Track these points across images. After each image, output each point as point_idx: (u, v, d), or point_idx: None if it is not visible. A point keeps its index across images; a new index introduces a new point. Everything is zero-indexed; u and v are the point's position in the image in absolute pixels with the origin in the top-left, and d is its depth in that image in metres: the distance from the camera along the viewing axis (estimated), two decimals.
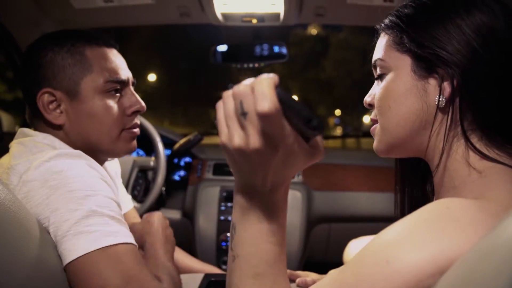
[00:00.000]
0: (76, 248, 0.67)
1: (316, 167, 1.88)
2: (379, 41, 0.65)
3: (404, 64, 0.60)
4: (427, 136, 0.60)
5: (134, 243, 0.72)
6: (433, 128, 0.59)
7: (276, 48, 1.50)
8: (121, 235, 0.70)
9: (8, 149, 0.81)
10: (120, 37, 0.92)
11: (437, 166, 0.60)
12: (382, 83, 0.63)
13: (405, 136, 0.61)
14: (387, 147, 0.64)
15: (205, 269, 1.19)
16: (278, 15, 1.35)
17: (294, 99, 0.42)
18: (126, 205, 1.14)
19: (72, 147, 0.82)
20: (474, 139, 0.57)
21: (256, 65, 1.55)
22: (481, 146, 0.57)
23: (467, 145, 0.57)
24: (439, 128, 0.59)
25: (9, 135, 0.84)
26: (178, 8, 1.33)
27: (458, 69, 0.55)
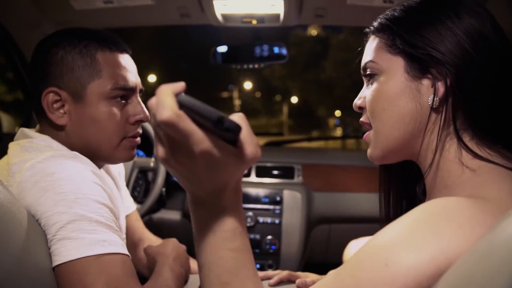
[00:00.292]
0: (60, 254, 0.66)
1: (316, 168, 1.88)
2: (368, 44, 0.66)
3: (396, 65, 0.61)
4: (420, 137, 0.61)
5: (123, 252, 0.70)
6: (426, 128, 0.60)
7: (276, 49, 1.50)
8: (108, 243, 0.68)
9: (7, 150, 0.81)
10: (120, 38, 0.91)
11: (429, 166, 0.60)
12: (374, 85, 0.63)
13: (400, 137, 0.61)
14: (382, 152, 0.64)
15: None
16: (278, 16, 1.35)
17: (199, 103, 0.40)
18: (128, 207, 1.14)
19: (71, 149, 0.81)
20: (466, 138, 0.58)
21: (256, 66, 1.55)
22: (472, 145, 0.57)
23: (459, 144, 0.58)
24: (432, 128, 0.59)
25: (9, 136, 0.84)
26: (178, 9, 1.33)
27: (452, 68, 0.56)
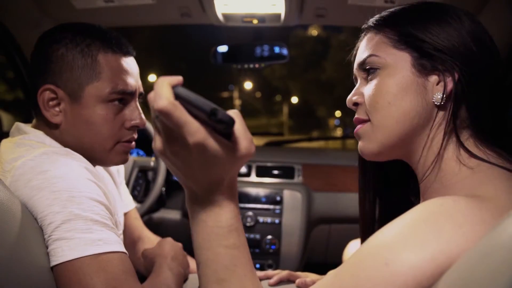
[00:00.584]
0: (56, 254, 0.66)
1: (316, 168, 1.88)
2: (367, 39, 0.66)
3: (403, 60, 0.61)
4: (423, 134, 0.61)
5: (119, 249, 0.69)
6: (433, 125, 0.59)
7: (277, 49, 1.50)
8: (103, 242, 0.67)
9: None
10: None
11: (430, 165, 0.60)
12: (376, 80, 0.62)
13: (403, 133, 0.61)
14: (379, 148, 0.62)
15: None
16: (279, 15, 1.35)
17: (194, 95, 0.42)
18: (127, 204, 1.14)
19: (65, 147, 0.80)
20: (464, 137, 0.58)
21: (257, 65, 1.55)
22: (470, 144, 0.58)
23: (458, 143, 0.58)
24: (437, 125, 0.59)
25: (9, 135, 0.84)
26: (179, 8, 1.33)
27: (459, 64, 0.57)
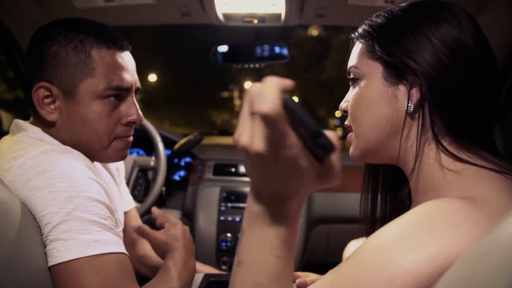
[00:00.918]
0: (52, 255, 0.65)
1: None
2: (354, 48, 0.67)
3: (375, 71, 0.62)
4: (397, 141, 0.62)
5: (116, 250, 0.68)
6: (403, 133, 0.61)
7: (277, 49, 1.50)
8: (100, 244, 0.66)
9: None
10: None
11: (412, 170, 0.62)
12: (355, 90, 0.65)
13: (377, 141, 0.63)
14: (361, 152, 0.66)
15: (204, 270, 1.18)
16: (279, 15, 1.35)
17: (302, 109, 0.39)
18: (127, 203, 1.14)
19: (63, 144, 0.79)
20: (444, 143, 0.59)
21: (257, 65, 1.54)
22: (452, 149, 0.58)
23: (438, 149, 0.59)
24: (409, 133, 0.61)
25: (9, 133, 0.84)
26: (179, 8, 1.33)
27: (425, 78, 0.57)
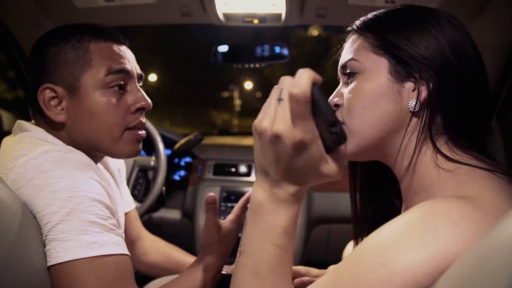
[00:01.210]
0: (50, 255, 0.65)
1: None
2: (350, 42, 0.66)
3: (380, 66, 0.61)
4: (396, 138, 0.62)
5: (115, 252, 0.68)
6: (406, 131, 0.60)
7: (277, 49, 1.50)
8: (98, 245, 0.66)
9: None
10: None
11: (406, 169, 0.61)
12: (354, 84, 0.63)
13: (377, 138, 0.62)
14: (357, 148, 0.63)
15: None
16: (279, 15, 1.35)
17: (325, 100, 0.46)
18: (128, 204, 1.14)
19: (74, 146, 0.78)
20: (440, 142, 0.59)
21: (257, 65, 1.55)
22: (447, 149, 0.59)
23: (434, 148, 0.59)
24: (411, 131, 0.60)
25: (9, 134, 0.84)
26: (180, 8, 1.33)
27: (434, 74, 0.58)
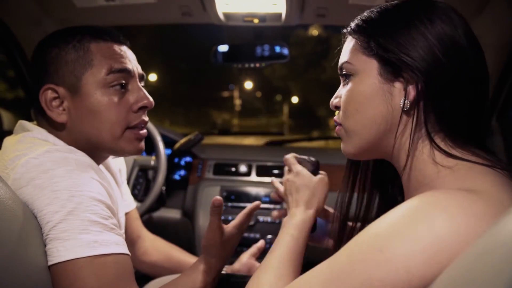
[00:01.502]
0: (51, 254, 0.66)
1: None
2: (346, 44, 0.67)
3: (370, 67, 0.62)
4: (392, 138, 0.62)
5: (116, 251, 0.68)
6: (398, 130, 0.61)
7: (278, 49, 1.50)
8: (99, 245, 0.66)
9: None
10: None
11: (404, 166, 0.62)
12: (348, 86, 0.64)
13: (372, 138, 0.63)
14: (355, 149, 0.66)
15: None
16: (279, 15, 1.34)
17: (304, 157, 0.89)
18: (128, 205, 1.14)
19: (75, 146, 0.79)
20: (438, 139, 0.59)
21: (257, 65, 1.55)
22: (445, 145, 0.59)
23: (432, 146, 0.59)
24: (403, 130, 0.61)
25: (9, 133, 0.84)
26: (180, 7, 1.33)
27: (422, 74, 0.57)
